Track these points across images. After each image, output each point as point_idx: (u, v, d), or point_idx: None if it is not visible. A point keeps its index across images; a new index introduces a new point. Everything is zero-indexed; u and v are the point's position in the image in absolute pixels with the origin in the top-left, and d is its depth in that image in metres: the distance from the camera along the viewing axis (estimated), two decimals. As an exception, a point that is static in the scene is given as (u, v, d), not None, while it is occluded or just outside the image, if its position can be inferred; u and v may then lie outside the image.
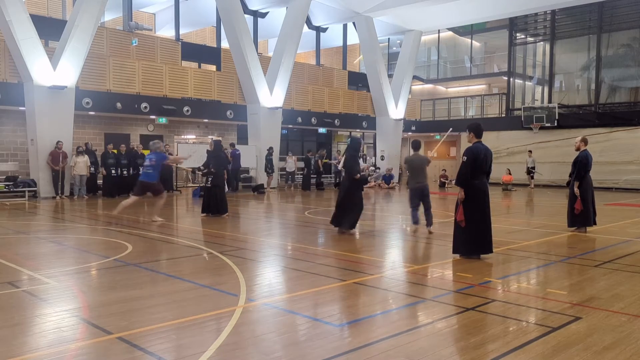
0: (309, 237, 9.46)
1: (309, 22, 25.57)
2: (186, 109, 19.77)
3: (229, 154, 18.23)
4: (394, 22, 26.10)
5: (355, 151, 9.76)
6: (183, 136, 22.19)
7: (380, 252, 8.01)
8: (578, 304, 4.98)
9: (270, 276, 6.28)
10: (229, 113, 21.19)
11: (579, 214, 9.70)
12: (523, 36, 28.07)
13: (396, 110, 27.00)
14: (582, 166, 9.66)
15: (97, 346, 3.81)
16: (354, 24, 26.27)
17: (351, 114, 26.30)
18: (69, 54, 16.11)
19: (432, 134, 31.02)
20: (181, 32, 22.88)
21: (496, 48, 30.96)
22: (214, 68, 23.00)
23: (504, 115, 28.35)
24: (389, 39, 31.99)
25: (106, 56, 18.46)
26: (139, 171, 17.80)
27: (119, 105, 18.05)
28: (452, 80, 32.18)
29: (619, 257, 7.44)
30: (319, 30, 26.83)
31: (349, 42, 28.42)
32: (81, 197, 16.49)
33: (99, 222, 11.16)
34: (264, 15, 24.23)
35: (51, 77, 15.88)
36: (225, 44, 22.19)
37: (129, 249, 7.61)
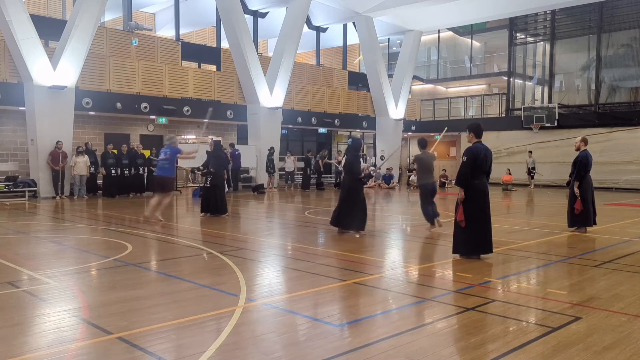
0: (309, 237, 9.46)
1: (309, 22, 25.57)
2: (186, 109, 19.77)
3: (228, 154, 18.23)
4: (394, 22, 26.10)
5: (356, 151, 9.77)
6: (183, 136, 22.17)
7: (380, 252, 8.01)
8: (578, 304, 4.98)
9: (270, 276, 6.28)
10: (229, 113, 21.18)
11: (579, 214, 9.70)
12: (523, 36, 28.07)
13: (396, 110, 27.01)
14: (582, 166, 9.66)
15: (97, 346, 3.81)
16: (354, 24, 26.27)
17: (351, 114, 26.30)
18: (69, 54, 16.11)
19: (432, 134, 31.02)
20: (181, 32, 22.89)
21: (496, 48, 30.96)
22: (214, 68, 23.01)
23: (504, 115, 28.35)
24: (389, 39, 31.99)
25: (106, 56, 18.46)
26: (139, 171, 17.95)
27: (119, 105, 18.05)
28: (452, 80, 32.17)
29: (619, 257, 7.44)
30: (319, 30, 26.83)
31: (349, 42, 28.42)
32: (81, 197, 16.49)
33: (99, 222, 11.16)
34: (264, 15, 24.23)
35: (51, 77, 15.88)
36: (225, 44, 22.19)
37: (129, 249, 7.61)
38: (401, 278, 6.12)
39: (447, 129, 16.07)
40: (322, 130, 26.03)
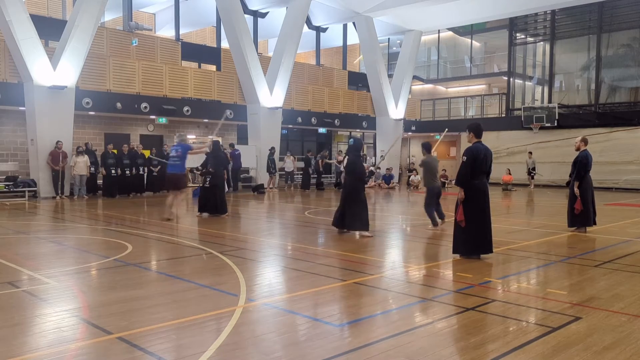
0: (309, 237, 9.46)
1: (309, 22, 25.57)
2: (186, 109, 19.77)
3: (228, 154, 18.23)
4: (394, 22, 26.10)
5: (357, 152, 9.76)
6: (183, 136, 22.16)
7: (380, 252, 8.01)
8: (578, 304, 4.98)
9: (270, 276, 6.28)
10: (229, 113, 21.17)
11: (579, 214, 9.70)
12: (523, 36, 28.07)
13: (396, 110, 27.00)
14: (582, 166, 9.66)
15: (97, 346, 3.81)
16: (354, 24, 26.27)
17: (351, 114, 26.29)
18: (69, 54, 16.11)
19: (432, 134, 31.02)
20: (181, 32, 22.88)
21: (496, 48, 30.96)
22: (214, 68, 23.00)
23: (504, 115, 28.35)
24: (389, 39, 31.99)
25: (106, 56, 18.46)
26: (140, 171, 17.95)
27: (119, 105, 18.05)
28: (452, 80, 32.17)
29: (619, 257, 7.44)
30: (319, 30, 26.83)
31: (349, 42, 28.41)
32: (81, 197, 16.49)
33: (99, 222, 11.17)
34: (264, 15, 24.23)
35: (51, 77, 15.88)
36: (225, 44, 22.19)
37: (129, 249, 7.61)
38: (401, 278, 6.12)
39: (448, 129, 16.07)
40: (322, 130, 26.03)
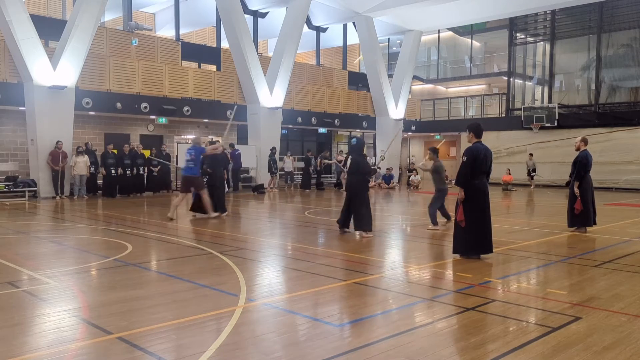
0: (309, 237, 9.46)
1: (309, 22, 25.56)
2: (186, 109, 19.77)
3: (228, 154, 18.22)
4: (394, 22, 26.09)
5: (360, 151, 9.76)
6: (183, 136, 22.18)
7: (380, 252, 8.01)
8: (578, 304, 4.98)
9: (270, 276, 6.28)
10: (228, 113, 21.16)
11: (579, 214, 9.71)
12: (523, 36, 28.06)
13: (396, 110, 27.00)
14: (582, 166, 9.66)
15: (97, 346, 3.81)
16: (354, 24, 26.27)
17: (351, 114, 26.29)
18: (69, 54, 16.11)
19: (432, 134, 31.03)
20: (181, 32, 22.88)
21: (496, 48, 30.96)
22: (214, 68, 23.00)
23: (504, 115, 28.35)
24: (389, 39, 31.99)
25: (106, 56, 18.46)
26: (140, 171, 17.95)
27: (119, 105, 18.05)
28: (452, 80, 32.18)
29: (619, 257, 7.44)
30: (319, 30, 26.82)
31: (349, 42, 28.41)
32: (81, 197, 16.49)
33: (99, 222, 11.17)
34: (264, 15, 24.22)
35: (51, 77, 15.88)
36: (225, 44, 22.19)
37: (129, 249, 7.61)
38: (401, 278, 6.12)
39: (445, 140, 16.14)
40: (322, 130, 26.03)
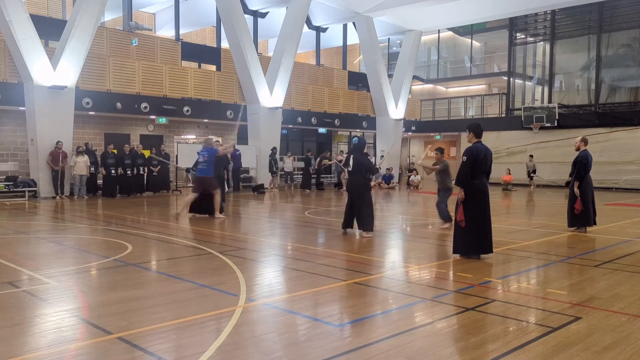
0: (309, 237, 9.46)
1: (309, 22, 25.56)
2: (186, 109, 19.77)
3: (228, 154, 18.21)
4: (394, 22, 26.09)
5: (362, 150, 9.74)
6: (183, 136, 22.19)
7: (380, 252, 8.01)
8: (578, 304, 4.98)
9: (270, 276, 6.28)
10: (229, 113, 21.18)
11: (579, 214, 9.70)
12: (523, 36, 28.06)
13: (396, 110, 27.00)
14: (582, 166, 9.66)
15: (97, 346, 3.81)
16: (354, 24, 26.27)
17: (351, 114, 26.29)
18: (69, 54, 16.11)
19: (432, 134, 31.03)
20: (181, 32, 22.88)
21: (496, 48, 30.96)
22: (214, 68, 23.00)
23: (504, 115, 28.35)
24: (389, 39, 31.99)
25: (106, 56, 18.46)
26: (140, 171, 17.96)
27: (119, 105, 18.05)
28: (452, 80, 32.18)
29: (619, 257, 7.44)
30: (319, 30, 26.82)
31: (349, 42, 28.41)
32: (81, 197, 16.49)
33: (99, 222, 11.16)
34: (264, 15, 24.23)
35: (51, 77, 15.88)
36: (225, 44, 22.19)
37: (129, 249, 7.61)
38: (401, 278, 6.12)
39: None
40: (322, 130, 26.03)
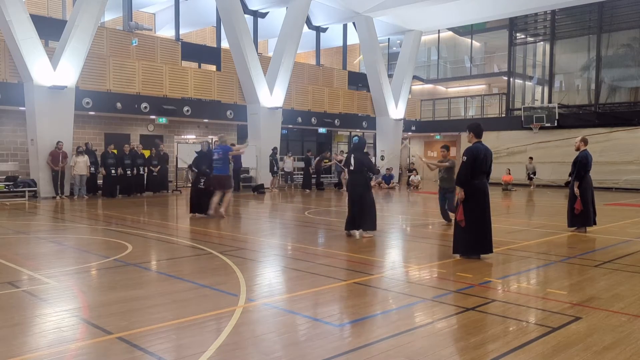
0: (309, 237, 9.46)
1: (309, 22, 25.56)
2: (186, 109, 19.77)
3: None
4: (394, 22, 26.10)
5: (362, 149, 9.73)
6: (183, 136, 22.19)
7: (380, 252, 8.01)
8: (578, 304, 4.98)
9: (270, 276, 6.28)
10: (229, 113, 21.19)
11: (579, 214, 9.70)
12: (523, 36, 28.07)
13: (396, 110, 27.00)
14: (582, 166, 9.66)
15: (97, 346, 3.81)
16: (354, 24, 26.27)
17: (351, 114, 26.30)
18: (69, 54, 16.11)
19: (432, 134, 31.03)
20: (181, 32, 22.88)
21: (496, 48, 30.96)
22: (214, 68, 23.00)
23: (504, 115, 28.35)
24: (389, 39, 31.99)
25: (106, 56, 18.46)
26: (140, 171, 17.96)
27: (119, 105, 18.05)
28: (452, 80, 32.18)
29: (619, 257, 7.44)
30: (319, 30, 26.82)
31: (349, 42, 28.41)
32: (81, 197, 16.49)
33: (99, 222, 11.16)
34: (264, 15, 24.23)
35: (51, 77, 15.88)
36: (225, 44, 22.19)
37: (129, 249, 7.61)
38: (401, 278, 6.12)
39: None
40: (322, 130, 26.03)
